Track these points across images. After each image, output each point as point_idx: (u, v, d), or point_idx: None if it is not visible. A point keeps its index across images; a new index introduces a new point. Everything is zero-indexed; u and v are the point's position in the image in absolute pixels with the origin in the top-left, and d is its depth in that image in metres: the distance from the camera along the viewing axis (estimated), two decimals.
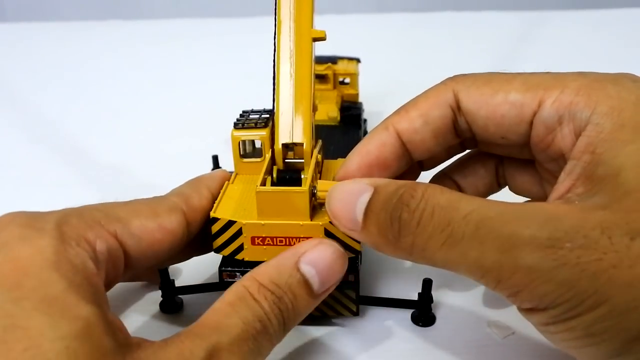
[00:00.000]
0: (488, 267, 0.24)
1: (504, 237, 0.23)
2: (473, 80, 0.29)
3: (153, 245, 0.30)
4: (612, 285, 0.22)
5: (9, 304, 0.23)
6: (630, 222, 0.22)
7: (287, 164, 0.33)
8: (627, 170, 0.23)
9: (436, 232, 0.24)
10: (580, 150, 0.25)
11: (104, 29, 0.96)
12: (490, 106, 0.28)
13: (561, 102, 0.26)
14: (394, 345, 0.32)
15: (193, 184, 0.33)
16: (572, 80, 0.26)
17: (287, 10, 0.33)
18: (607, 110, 0.25)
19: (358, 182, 0.28)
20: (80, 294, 0.24)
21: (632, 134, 0.24)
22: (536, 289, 0.23)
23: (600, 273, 0.22)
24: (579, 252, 0.22)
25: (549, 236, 0.23)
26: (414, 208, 0.25)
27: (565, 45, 0.83)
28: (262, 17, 0.36)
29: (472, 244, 0.24)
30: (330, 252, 0.29)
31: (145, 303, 0.36)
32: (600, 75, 0.27)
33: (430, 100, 0.30)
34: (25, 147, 0.58)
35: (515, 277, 0.23)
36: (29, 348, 0.22)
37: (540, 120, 0.27)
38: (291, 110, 0.33)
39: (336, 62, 0.54)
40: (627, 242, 0.22)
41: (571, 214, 0.23)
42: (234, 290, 0.28)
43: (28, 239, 0.25)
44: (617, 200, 0.23)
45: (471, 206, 0.24)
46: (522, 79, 0.28)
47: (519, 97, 0.27)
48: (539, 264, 0.23)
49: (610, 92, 0.25)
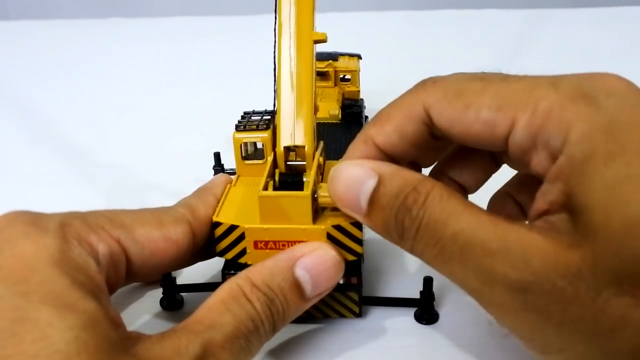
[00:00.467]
0: (470, 290, 0.25)
1: (483, 269, 0.24)
2: (444, 92, 0.27)
3: (156, 254, 0.30)
4: (576, 336, 0.22)
5: (16, 298, 0.23)
6: (596, 273, 0.22)
7: (289, 166, 0.33)
8: (593, 209, 0.22)
9: (430, 245, 0.25)
10: (553, 177, 0.24)
11: (106, 27, 0.96)
12: (462, 124, 0.26)
13: (533, 126, 0.25)
14: (397, 342, 0.33)
15: (199, 194, 0.34)
16: (543, 97, 0.25)
17: (287, 12, 0.33)
18: (577, 139, 0.23)
19: (362, 166, 0.28)
20: (83, 290, 0.25)
21: (600, 166, 0.23)
22: (508, 324, 0.25)
23: (565, 323, 0.22)
24: (547, 298, 0.22)
25: (519, 278, 0.23)
26: (414, 215, 0.25)
27: (567, 44, 0.82)
28: (264, 15, 0.36)
29: (457, 266, 0.25)
30: (327, 258, 0.30)
31: (146, 300, 0.36)
32: (574, 88, 0.25)
33: (403, 113, 0.28)
34: (27, 146, 0.58)
35: (492, 308, 0.25)
36: (38, 339, 0.22)
37: (513, 142, 0.25)
38: (292, 113, 0.33)
39: (337, 59, 0.54)
40: (593, 296, 0.22)
41: (544, 253, 0.23)
42: (227, 287, 0.28)
43: (32, 236, 0.26)
44: (586, 240, 0.22)
45: (460, 225, 0.24)
46: (493, 91, 0.26)
47: (491, 116, 0.25)
48: (510, 304, 0.23)
49: (582, 114, 0.23)
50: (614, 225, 0.21)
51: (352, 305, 0.33)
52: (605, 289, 0.21)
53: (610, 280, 0.21)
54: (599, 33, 0.86)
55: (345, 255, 0.31)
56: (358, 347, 0.32)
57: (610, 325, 0.22)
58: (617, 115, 0.23)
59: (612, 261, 0.21)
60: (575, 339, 0.23)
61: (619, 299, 0.21)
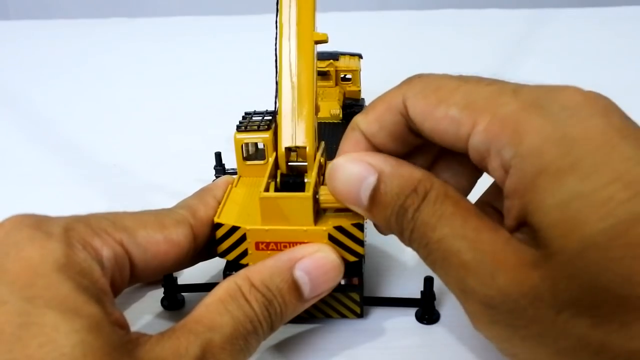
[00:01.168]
0: (453, 293, 0.26)
1: (458, 279, 0.25)
2: (423, 87, 0.27)
3: (158, 256, 0.30)
4: (540, 351, 0.23)
5: (22, 302, 0.23)
6: (555, 294, 0.22)
7: (290, 167, 0.33)
8: (549, 229, 0.22)
9: (421, 246, 0.26)
10: (510, 193, 0.24)
11: (106, 27, 0.96)
12: (433, 119, 0.26)
13: (488, 132, 0.24)
14: (398, 342, 0.33)
15: (200, 196, 0.34)
16: (503, 104, 0.24)
17: (287, 13, 0.33)
18: (528, 152, 0.23)
19: (360, 163, 0.28)
20: (87, 295, 0.25)
21: (552, 183, 0.22)
22: (481, 331, 0.26)
23: (529, 338, 0.23)
24: (510, 315, 0.23)
25: (486, 294, 0.24)
26: (410, 218, 0.26)
27: (567, 43, 0.82)
28: (266, 15, 0.36)
29: (440, 271, 0.26)
30: (327, 261, 0.30)
31: (147, 299, 0.36)
32: (533, 98, 0.24)
33: (384, 103, 0.29)
34: (27, 145, 0.58)
35: (468, 315, 0.26)
36: (44, 344, 0.22)
37: (472, 145, 0.25)
38: (294, 114, 0.33)
39: (338, 58, 0.54)
40: (552, 316, 0.22)
41: (509, 271, 0.23)
42: (225, 285, 0.28)
43: (37, 240, 0.26)
44: (546, 262, 0.22)
45: (445, 230, 0.25)
46: (465, 90, 0.26)
47: (456, 114, 0.26)
48: (478, 315, 0.25)
49: (536, 126, 0.23)
50: (570, 248, 0.21)
51: (354, 305, 0.33)
52: (564, 310, 0.22)
53: (569, 302, 0.21)
54: (599, 33, 0.86)
55: (347, 256, 0.31)
56: (359, 347, 0.32)
57: (571, 345, 0.22)
58: (570, 129, 0.23)
59: (569, 283, 0.21)
60: (539, 353, 0.23)
61: (577, 320, 0.21)
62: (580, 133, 0.22)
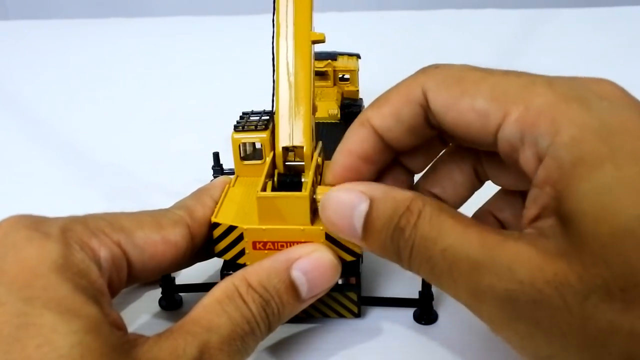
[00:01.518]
0: (463, 303, 0.25)
1: (470, 282, 0.24)
2: (443, 77, 0.27)
3: (156, 256, 0.30)
4: (565, 343, 0.22)
5: (20, 303, 0.23)
6: (585, 281, 0.21)
7: (287, 166, 0.33)
8: (582, 215, 0.22)
9: (423, 262, 0.26)
10: (541, 181, 0.24)
11: (105, 26, 0.96)
12: (456, 111, 0.26)
13: (523, 122, 0.24)
14: (396, 342, 0.33)
15: (197, 196, 0.34)
16: (538, 94, 0.24)
17: (284, 13, 0.33)
18: (566, 141, 0.23)
19: (351, 191, 0.28)
20: (85, 296, 0.25)
21: (589, 169, 0.22)
22: (500, 334, 0.25)
23: (553, 330, 0.22)
24: (533, 307, 0.22)
25: (505, 288, 0.23)
26: (407, 237, 0.26)
27: (567, 43, 0.82)
28: (264, 15, 0.36)
29: (448, 282, 0.25)
30: (324, 261, 0.30)
31: (145, 299, 0.36)
32: (569, 89, 0.24)
33: (401, 96, 0.28)
34: (26, 145, 0.58)
35: (483, 319, 0.25)
36: (42, 344, 0.22)
37: (503, 136, 0.25)
38: (291, 113, 0.33)
39: (336, 58, 0.54)
40: (580, 302, 0.21)
41: (530, 261, 0.23)
42: (223, 286, 0.28)
43: (36, 241, 0.26)
44: (574, 248, 0.22)
45: (448, 241, 0.25)
46: (491, 82, 0.26)
47: (484, 106, 0.25)
48: (497, 314, 0.24)
49: (574, 116, 0.23)
50: (602, 234, 0.21)
51: (351, 305, 0.33)
52: (593, 295, 0.21)
53: (599, 287, 0.21)
54: (599, 33, 0.86)
55: (344, 255, 0.31)
56: (357, 347, 0.32)
57: (599, 333, 0.21)
58: (609, 120, 0.23)
59: (600, 268, 0.21)
60: (565, 347, 0.22)
61: (608, 305, 0.21)
62: (619, 123, 0.23)
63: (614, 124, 0.23)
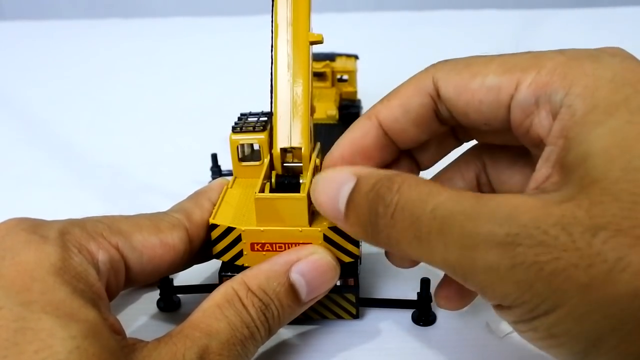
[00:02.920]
0: (453, 265, 0.23)
1: (465, 234, 0.22)
2: (453, 65, 0.27)
3: (154, 259, 0.30)
4: (569, 286, 0.21)
5: (18, 307, 0.23)
6: (593, 217, 0.21)
7: (285, 167, 0.33)
8: (594, 156, 0.22)
9: (406, 227, 0.24)
10: (555, 135, 0.24)
11: (102, 27, 0.96)
12: (468, 92, 0.26)
13: (537, 84, 0.25)
14: (394, 344, 0.33)
15: (195, 199, 0.34)
16: (549, 59, 0.25)
17: (283, 14, 0.33)
18: (580, 91, 0.23)
19: (341, 170, 0.27)
20: (83, 299, 0.25)
21: (603, 115, 0.22)
22: (496, 289, 0.22)
23: (557, 273, 0.21)
24: (537, 249, 0.21)
25: (506, 233, 0.21)
26: (388, 202, 0.24)
27: (566, 44, 0.82)
28: (262, 16, 0.36)
29: (437, 241, 0.23)
30: (323, 263, 0.30)
31: (143, 301, 0.36)
32: (580, 51, 0.25)
33: (411, 88, 0.28)
34: (23, 146, 0.58)
35: (476, 276, 0.23)
36: (40, 349, 0.22)
37: (516, 104, 0.25)
38: (289, 114, 0.33)
39: (334, 59, 0.54)
40: (588, 239, 0.20)
41: (534, 208, 0.22)
42: (222, 291, 0.28)
43: (34, 244, 0.26)
44: (583, 190, 0.21)
45: (438, 199, 0.23)
46: (500, 60, 0.26)
47: (495, 81, 0.26)
48: (496, 263, 0.22)
49: (587, 70, 0.24)
50: (614, 170, 0.21)
51: (349, 306, 0.33)
52: (601, 232, 0.20)
53: (608, 223, 0.21)
54: (598, 33, 0.86)
55: (342, 257, 0.31)
56: (355, 349, 0.32)
57: (607, 269, 0.20)
58: (621, 71, 0.24)
59: (611, 203, 0.21)
60: (568, 291, 0.21)
61: (617, 240, 0.20)
62: (631, 74, 0.24)
63: (626, 75, 0.23)
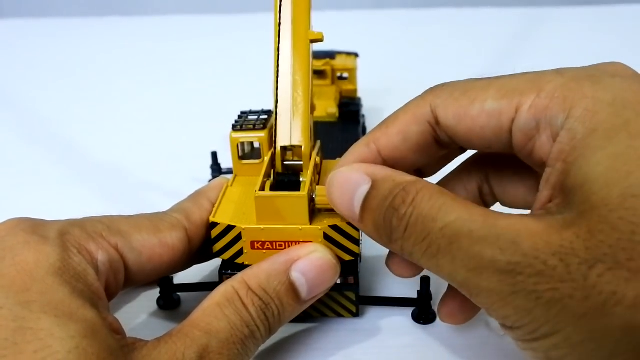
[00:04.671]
0: (459, 283, 0.24)
1: (470, 256, 0.23)
2: (450, 92, 0.27)
3: (153, 259, 0.30)
4: (565, 316, 0.22)
5: (17, 307, 0.23)
6: (591, 247, 0.21)
7: (286, 165, 0.33)
8: (593, 181, 0.22)
9: (418, 241, 0.25)
10: (554, 158, 0.24)
11: (102, 25, 0.96)
12: (468, 119, 0.26)
13: (537, 108, 0.25)
14: (394, 342, 0.33)
15: (194, 198, 0.34)
16: (548, 81, 0.25)
17: (285, 12, 0.33)
18: (580, 114, 0.23)
19: (357, 170, 0.28)
20: (82, 299, 0.25)
21: (602, 140, 0.22)
22: (498, 311, 0.23)
23: (554, 302, 0.22)
24: (536, 279, 0.22)
25: (508, 261, 0.22)
26: (402, 214, 0.25)
27: (565, 42, 0.82)
28: (261, 14, 0.36)
29: (446, 259, 0.24)
30: (323, 262, 0.30)
31: (143, 299, 0.36)
32: (579, 72, 0.25)
33: (409, 114, 0.28)
34: (22, 145, 0.58)
35: (480, 297, 0.24)
36: (39, 349, 0.22)
37: (518, 128, 0.25)
38: (289, 112, 0.33)
39: (334, 57, 0.54)
40: (585, 272, 0.21)
41: (535, 235, 0.22)
42: (222, 290, 0.28)
43: (33, 245, 0.26)
44: (582, 215, 0.22)
45: (449, 218, 0.24)
46: (499, 84, 0.26)
47: (495, 106, 0.26)
48: (497, 288, 0.23)
49: (587, 92, 0.24)
50: (613, 197, 0.21)
51: (350, 304, 0.33)
52: (599, 264, 0.21)
53: (605, 255, 0.21)
54: (599, 31, 0.86)
55: (342, 255, 0.31)
56: (355, 347, 0.32)
57: (602, 302, 0.21)
58: (622, 93, 0.23)
59: (608, 234, 0.21)
60: (564, 320, 0.22)
61: (613, 273, 0.21)
62: (632, 96, 0.23)
63: (627, 97, 0.23)
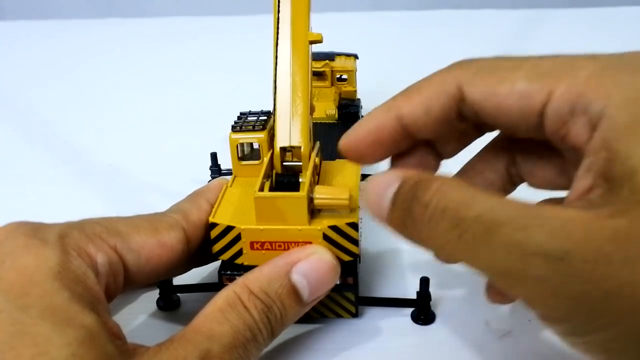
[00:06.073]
0: (498, 272, 0.23)
1: (513, 244, 0.22)
2: (478, 69, 0.27)
3: (152, 260, 0.30)
4: (624, 305, 0.20)
5: (16, 312, 0.23)
6: None
7: (285, 166, 0.33)
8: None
9: (447, 230, 0.23)
10: (596, 147, 0.23)
11: (102, 27, 0.96)
12: (496, 98, 0.26)
13: (571, 93, 0.24)
14: (393, 343, 0.33)
15: (192, 199, 0.34)
16: (582, 66, 0.24)
17: (282, 13, 0.33)
18: (620, 103, 0.23)
19: (390, 173, 0.27)
20: (82, 304, 0.25)
21: None
22: (546, 301, 0.22)
23: (613, 291, 0.20)
24: (591, 266, 0.20)
25: (560, 247, 0.21)
26: (425, 203, 0.24)
27: (564, 44, 0.81)
28: (261, 15, 0.37)
29: (482, 247, 0.23)
30: (323, 263, 0.30)
31: (143, 300, 0.36)
32: (614, 59, 0.25)
33: (434, 87, 0.27)
34: (23, 146, 0.58)
35: (525, 286, 0.22)
36: (37, 355, 0.22)
37: (551, 113, 0.25)
38: (288, 113, 0.33)
39: (334, 58, 0.54)
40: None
41: (586, 223, 0.21)
42: (224, 295, 0.28)
43: (33, 248, 0.26)
44: (633, 206, 0.21)
45: (484, 206, 0.23)
46: (529, 65, 0.25)
47: (526, 88, 0.25)
48: (548, 275, 0.21)
49: (624, 81, 0.23)
50: None
51: (349, 305, 0.33)
52: None
53: None
54: (598, 33, 0.86)
55: (342, 255, 0.31)
56: (354, 348, 0.32)
57: None
58: None
59: None
60: (623, 310, 0.21)
61: None
62: None
63: None
